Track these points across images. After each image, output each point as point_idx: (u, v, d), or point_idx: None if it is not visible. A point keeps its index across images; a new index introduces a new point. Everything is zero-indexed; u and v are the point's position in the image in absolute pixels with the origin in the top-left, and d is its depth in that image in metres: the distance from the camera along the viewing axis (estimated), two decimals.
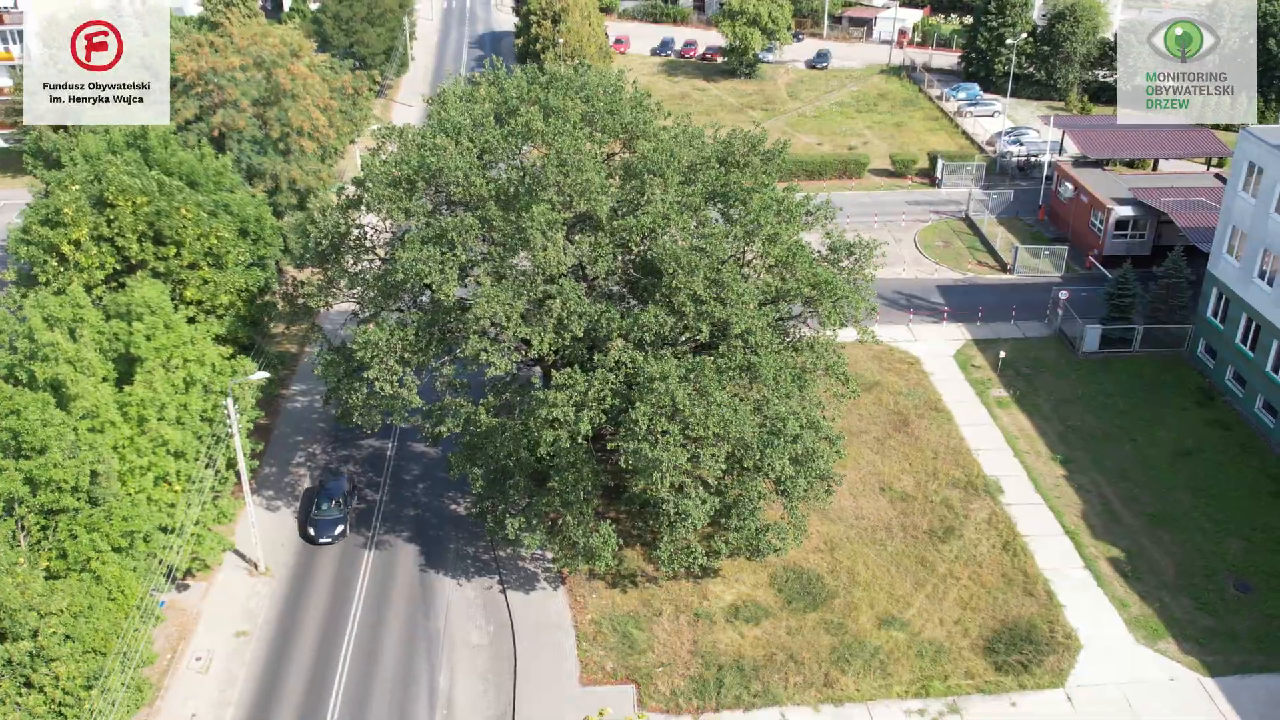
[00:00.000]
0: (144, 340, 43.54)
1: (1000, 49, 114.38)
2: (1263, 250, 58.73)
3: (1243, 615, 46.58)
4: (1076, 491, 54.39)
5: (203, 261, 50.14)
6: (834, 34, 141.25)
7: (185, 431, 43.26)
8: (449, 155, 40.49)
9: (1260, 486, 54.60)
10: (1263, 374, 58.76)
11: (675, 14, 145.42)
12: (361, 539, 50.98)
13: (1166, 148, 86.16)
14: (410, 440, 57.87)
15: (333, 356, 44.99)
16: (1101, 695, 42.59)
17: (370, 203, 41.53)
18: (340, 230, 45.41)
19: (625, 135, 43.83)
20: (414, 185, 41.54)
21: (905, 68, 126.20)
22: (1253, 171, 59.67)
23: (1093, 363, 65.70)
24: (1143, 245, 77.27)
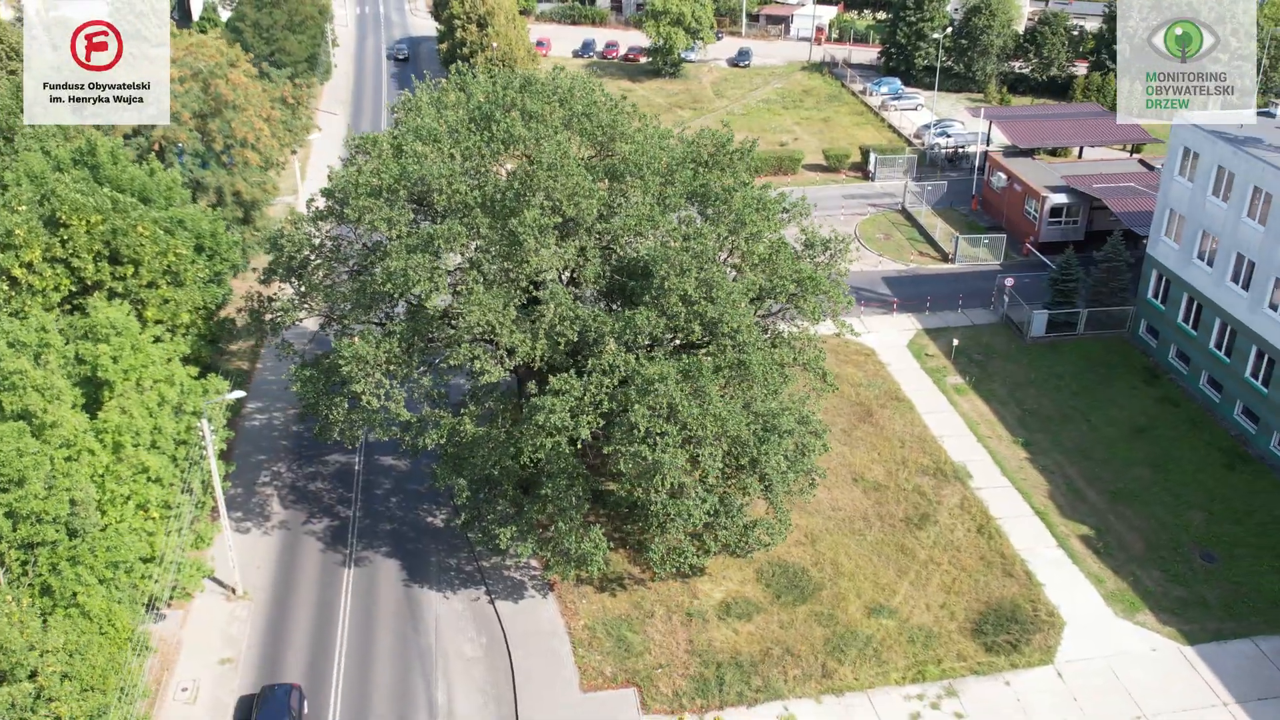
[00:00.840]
0: (111, 363, 41.99)
1: (920, 43, 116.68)
2: (1201, 232, 60.94)
3: (1211, 584, 48.27)
4: (1041, 473, 55.79)
5: (161, 280, 48.59)
6: (752, 32, 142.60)
7: (162, 456, 41.86)
8: (431, 163, 39.85)
9: (1212, 460, 56.65)
10: (1206, 351, 60.98)
11: (594, 15, 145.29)
12: (339, 556, 49.92)
13: (1091, 135, 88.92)
14: (377, 453, 56.87)
15: (311, 372, 43.94)
16: (1089, 669, 43.76)
17: (351, 213, 40.63)
18: (313, 242, 44.35)
19: (604, 138, 43.66)
20: (396, 194, 40.78)
21: (826, 64, 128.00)
22: (1188, 156, 61.86)
23: (1041, 347, 67.46)
24: (1076, 231, 79.60)
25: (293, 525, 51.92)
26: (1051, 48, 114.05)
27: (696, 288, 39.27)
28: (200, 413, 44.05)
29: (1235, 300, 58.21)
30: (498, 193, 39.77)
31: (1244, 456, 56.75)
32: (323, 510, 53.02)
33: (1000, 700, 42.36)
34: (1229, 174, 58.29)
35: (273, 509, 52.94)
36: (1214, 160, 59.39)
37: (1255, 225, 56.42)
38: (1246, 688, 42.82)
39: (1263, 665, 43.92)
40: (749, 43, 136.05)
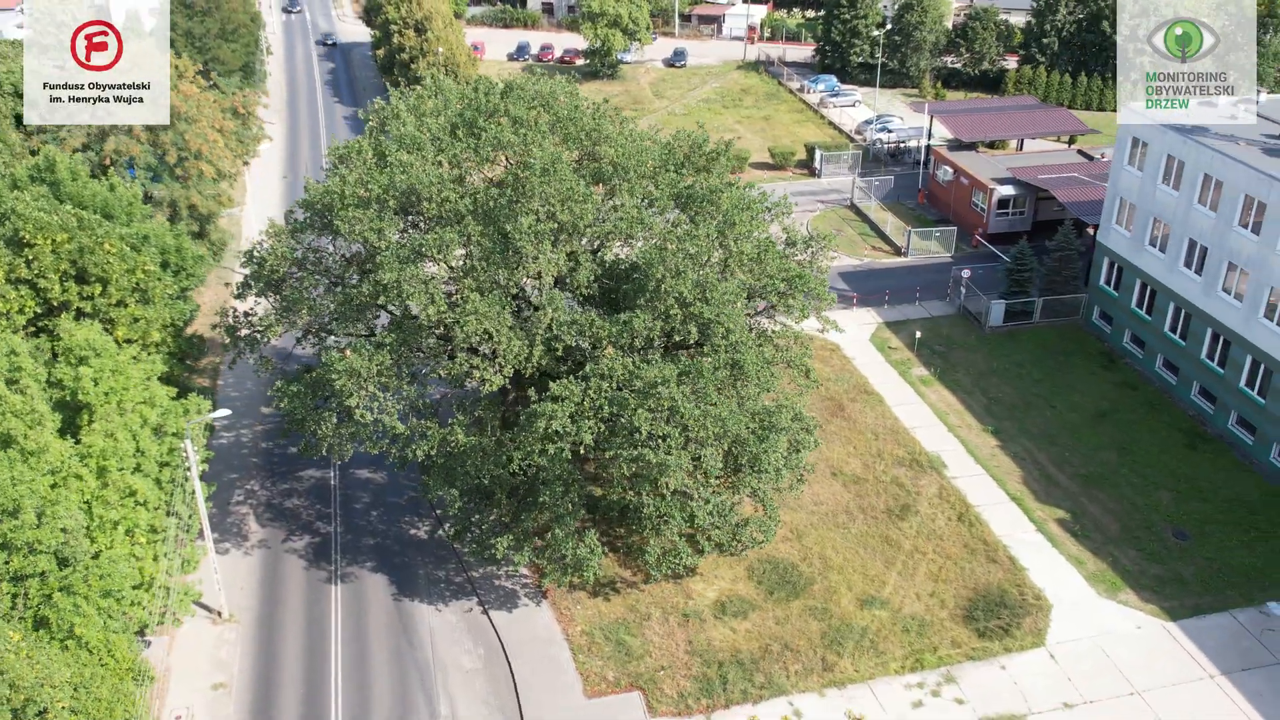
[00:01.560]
0: (92, 386, 40.77)
1: (855, 41, 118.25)
2: (1152, 219, 62.73)
3: (1186, 561, 49.72)
4: (1012, 459, 56.95)
5: (130, 298, 47.32)
6: (685, 32, 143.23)
7: (147, 480, 40.76)
8: (420, 171, 39.33)
9: (1174, 440, 58.37)
10: (1161, 335, 62.79)
11: (526, 18, 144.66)
12: (324, 573, 49.07)
13: (1030, 127, 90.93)
14: (352, 467, 55.97)
15: (299, 387, 43.07)
16: (1079, 649, 44.80)
17: (341, 225, 39.89)
18: (295, 255, 43.52)
19: (589, 142, 43.51)
20: (385, 204, 40.17)
21: (762, 62, 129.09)
22: (1137, 146, 63.62)
23: (999, 336, 68.86)
24: (1024, 221, 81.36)
25: (272, 544, 50.90)
26: (982, 42, 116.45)
27: (692, 289, 39.37)
28: (182, 434, 43.00)
29: (1189, 285, 60.04)
30: (490, 200, 39.41)
31: (1204, 436, 58.56)
32: (302, 527, 52.06)
33: (998, 684, 43.16)
34: (1178, 162, 60.08)
35: (250, 528, 51.84)
36: (1163, 149, 61.16)
37: (1206, 212, 58.22)
38: (1230, 659, 44.20)
39: (1242, 637, 45.37)
40: (683, 43, 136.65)
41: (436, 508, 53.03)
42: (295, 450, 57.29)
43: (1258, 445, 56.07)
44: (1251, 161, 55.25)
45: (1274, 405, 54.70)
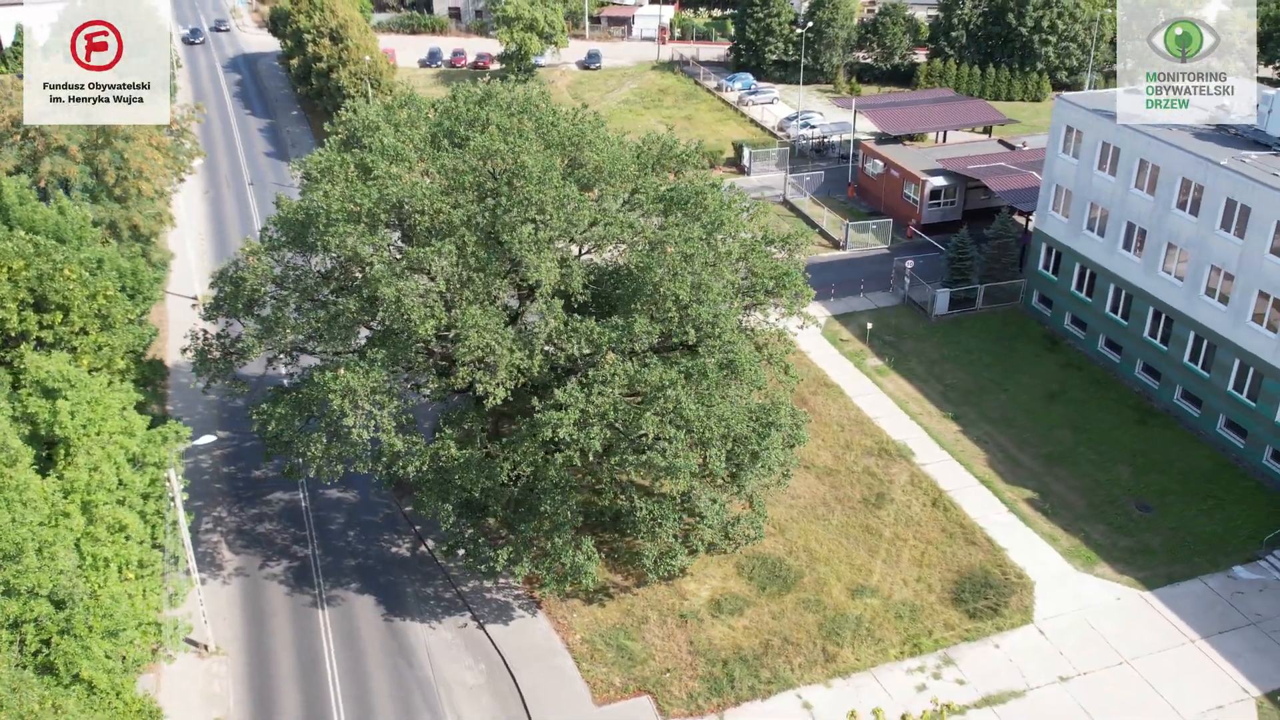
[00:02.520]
0: (69, 419, 39.08)
1: (769, 39, 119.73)
2: (1089, 205, 64.96)
3: (1152, 532, 51.65)
4: (975, 444, 58.42)
5: (92, 325, 45.47)
6: (595, 34, 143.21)
7: (132, 513, 39.26)
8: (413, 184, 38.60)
9: (1125, 416, 60.57)
10: (1102, 316, 65.09)
11: (433, 24, 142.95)
12: (308, 598, 47.86)
13: (952, 119, 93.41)
14: (321, 488, 54.62)
15: (284, 409, 41.86)
16: (1066, 624, 46.20)
17: (332, 240, 38.85)
18: (274, 274, 42.32)
19: (572, 148, 43.27)
20: (376, 219, 39.30)
21: (676, 62, 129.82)
22: (1071, 134, 65.81)
23: (946, 324, 70.54)
24: (954, 211, 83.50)
25: (249, 571, 49.45)
26: (893, 37, 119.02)
27: (689, 290, 39.49)
28: (163, 463, 41.54)
29: (1129, 266, 62.34)
30: (484, 210, 38.90)
31: (1151, 411, 60.90)
32: (278, 552, 50.68)
33: (994, 663, 44.26)
34: (1114, 149, 62.33)
35: (224, 557, 50.26)
36: (1098, 137, 63.38)
37: (1144, 195, 60.53)
38: (1206, 624, 46.07)
39: (1215, 602, 47.33)
40: (595, 45, 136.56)
41: (415, 524, 52.23)
42: (259, 473, 56.01)
43: (1204, 418, 58.53)
44: (1187, 146, 57.60)
45: (1218, 379, 57.15)
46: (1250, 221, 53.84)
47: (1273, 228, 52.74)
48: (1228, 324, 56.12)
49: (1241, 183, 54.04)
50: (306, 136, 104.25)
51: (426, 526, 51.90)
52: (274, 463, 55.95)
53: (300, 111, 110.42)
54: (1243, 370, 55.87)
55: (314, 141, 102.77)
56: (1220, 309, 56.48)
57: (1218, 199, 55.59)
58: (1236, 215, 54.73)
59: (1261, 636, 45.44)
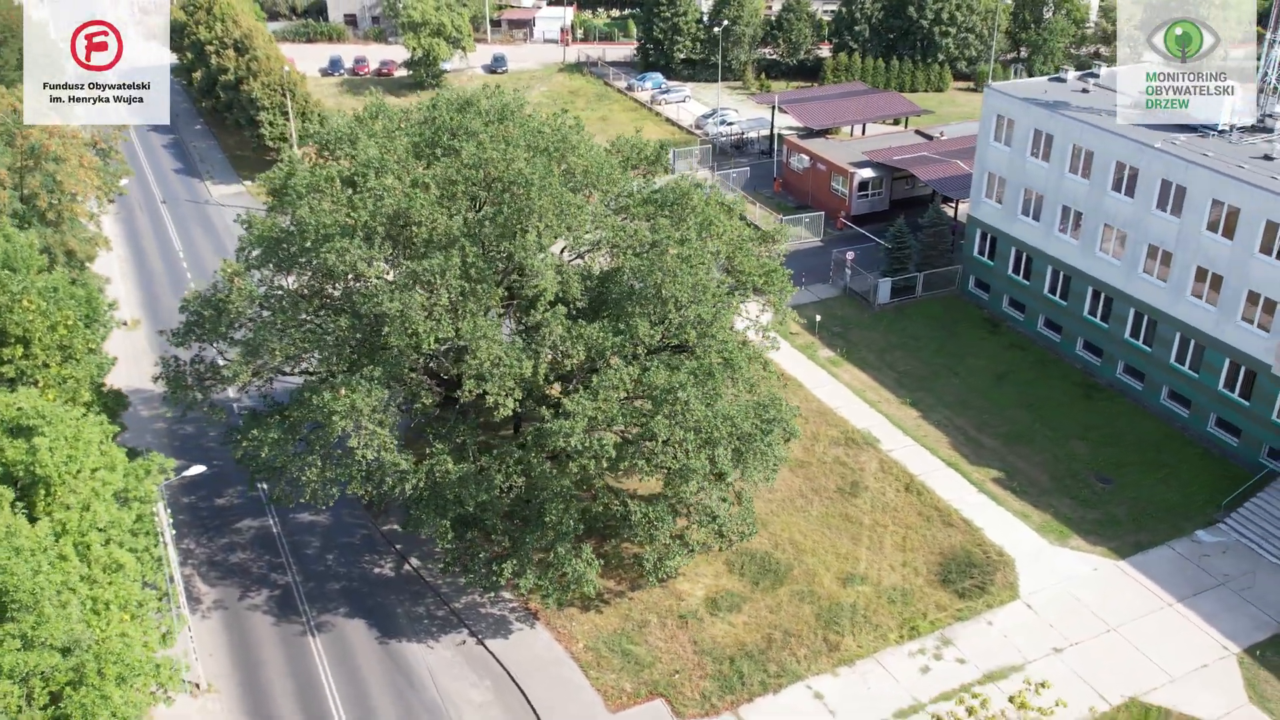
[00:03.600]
0: (49, 457, 37.12)
1: (677, 38, 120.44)
2: (1023, 190, 67.10)
3: (1115, 503, 53.68)
4: (936, 428, 59.84)
5: (53, 358, 43.32)
6: (496, 38, 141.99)
7: (127, 551, 37.56)
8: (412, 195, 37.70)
9: (1072, 393, 62.78)
10: (1041, 297, 67.33)
11: (330, 32, 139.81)
12: (297, 627, 46.46)
13: (870, 111, 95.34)
14: (291, 511, 53.00)
15: (277, 434, 40.47)
16: (1051, 596, 47.72)
17: (329, 257, 37.66)
18: (260, 294, 40.87)
19: (557, 153, 42.86)
20: (373, 232, 38.24)
21: (583, 64, 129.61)
22: (1002, 123, 67.86)
23: (889, 313, 72.05)
24: (882, 202, 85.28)
25: (229, 603, 47.77)
26: (798, 33, 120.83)
27: (690, 290, 39.58)
28: (149, 498, 39.82)
29: (1067, 248, 64.59)
30: (485, 218, 38.26)
31: (1096, 387, 63.25)
32: (256, 581, 49.08)
33: (990, 639, 45.45)
34: (1046, 135, 64.51)
35: (200, 590, 48.44)
36: (1030, 125, 65.51)
37: (1079, 179, 62.79)
38: (1180, 587, 48.10)
39: (1184, 565, 49.44)
40: (499, 48, 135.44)
41: (394, 543, 51.19)
42: (223, 501, 54.26)
43: (1148, 391, 61.04)
44: (1120, 131, 59.94)
45: (1160, 353, 59.68)
46: (1186, 201, 56.31)
47: (1208, 206, 55.26)
48: (1168, 300, 58.61)
49: (1176, 164, 56.49)
50: (215, 151, 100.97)
51: (408, 545, 50.93)
52: (239, 490, 54.40)
53: (205, 126, 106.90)
54: (1184, 343, 58.43)
55: (223, 156, 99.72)
56: (1160, 285, 58.95)
57: (1153, 180, 57.99)
58: (1172, 195, 57.18)
59: (1232, 595, 47.63)
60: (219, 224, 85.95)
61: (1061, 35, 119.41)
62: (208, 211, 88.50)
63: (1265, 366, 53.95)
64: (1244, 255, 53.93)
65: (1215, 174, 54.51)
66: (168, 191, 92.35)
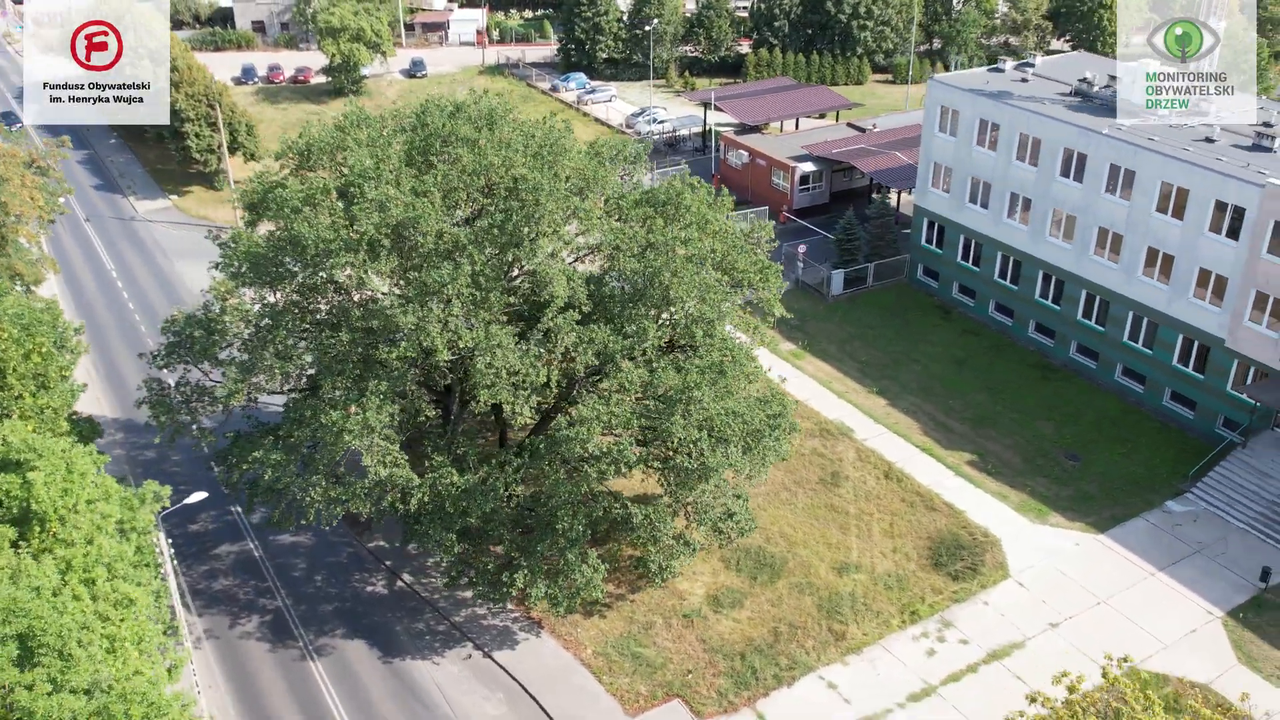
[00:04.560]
0: (44, 491, 35.53)
1: (599, 37, 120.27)
2: (970, 179, 68.72)
3: (1086, 479, 55.38)
4: (905, 414, 60.95)
5: (27, 387, 41.45)
6: (411, 41, 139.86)
7: (135, 585, 36.15)
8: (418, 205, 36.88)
9: (1029, 375, 64.56)
10: (992, 283, 69.05)
11: (239, 39, 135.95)
12: (294, 652, 45.23)
13: (802, 106, 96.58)
14: (271, 533, 51.48)
15: (280, 455, 39.25)
16: (1040, 573, 49.02)
17: (334, 272, 36.63)
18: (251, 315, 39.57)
19: (550, 157, 42.42)
20: (379, 245, 37.27)
21: (503, 65, 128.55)
22: (946, 114, 69.36)
23: (843, 304, 73.11)
24: (822, 195, 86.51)
25: (220, 632, 46.29)
26: (718, 30, 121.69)
27: (697, 290, 39.63)
28: (145, 528, 38.40)
29: (1016, 234, 66.36)
30: (493, 225, 37.67)
31: (1051, 368, 65.14)
32: (245, 608, 47.65)
33: (988, 619, 46.51)
34: (992, 125, 66.17)
35: (187, 620, 46.80)
36: (975, 115, 67.11)
37: (1026, 167, 64.55)
38: (1159, 557, 49.86)
39: (1160, 535, 51.26)
40: (416, 53, 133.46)
41: (383, 560, 50.23)
42: (196, 527, 52.59)
43: (1102, 369, 63.10)
44: (1068, 118, 61.80)
45: (1113, 331, 61.73)
46: (1136, 184, 58.31)
47: (1157, 188, 57.31)
48: (1120, 280, 60.65)
49: (1125, 148, 58.46)
50: (134, 166, 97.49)
51: (397, 561, 50.03)
52: (214, 515, 52.85)
53: (120, 140, 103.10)
54: (1137, 322, 60.54)
55: (144, 171, 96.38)
56: (1112, 267, 60.96)
57: (1102, 165, 59.92)
58: (1121, 179, 59.17)
59: (1208, 562, 49.56)
60: (148, 240, 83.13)
61: (973, 26, 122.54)
62: (135, 228, 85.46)
63: (1218, 340, 56.22)
64: (1194, 234, 56.08)
65: (1164, 157, 56.57)
66: (90, 209, 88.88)
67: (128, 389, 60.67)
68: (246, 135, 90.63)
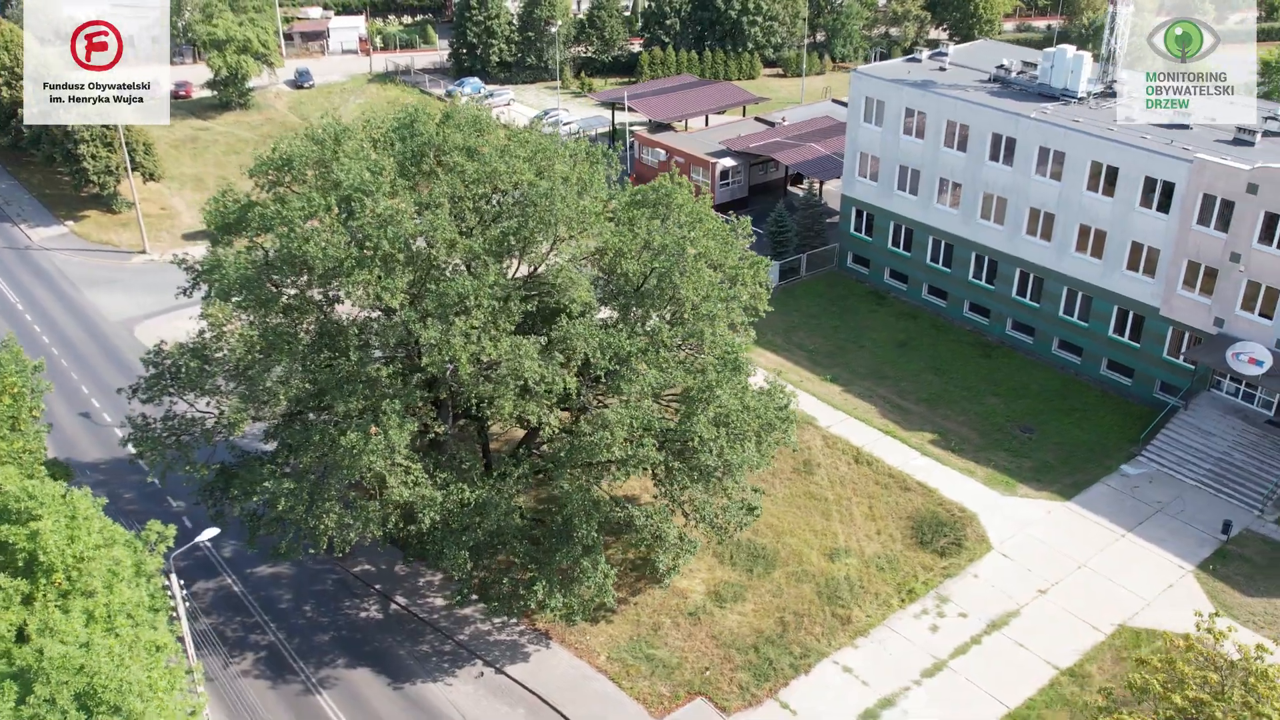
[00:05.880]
0: (52, 540, 33.58)
1: (491, 40, 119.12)
2: (898, 167, 70.68)
3: (1044, 450, 57.69)
4: (861, 399, 62.40)
5: (1, 430, 39.04)
6: (291, 51, 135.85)
7: (162, 630, 34.49)
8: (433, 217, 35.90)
9: (970, 354, 66.84)
10: (924, 266, 71.19)
11: None
12: (298, 686, 43.74)
13: (710, 103, 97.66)
14: (246, 566, 49.73)
15: (292, 484, 37.75)
16: (1020, 543, 50.88)
17: (348, 290, 35.32)
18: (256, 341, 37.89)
19: (543, 163, 41.89)
20: (394, 260, 36.12)
21: (393, 73, 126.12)
22: (871, 104, 71.14)
23: (779, 295, 74.04)
24: (742, 189, 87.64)
25: (214, 672, 44.40)
26: (611, 30, 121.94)
27: (707, 289, 39.83)
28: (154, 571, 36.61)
29: (947, 218, 68.56)
30: (508, 233, 37.01)
31: (989, 345, 67.58)
32: (237, 646, 45.84)
33: (981, 591, 48.06)
34: (919, 113, 68.18)
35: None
36: (901, 104, 69.04)
37: (955, 153, 66.77)
38: (1126, 518, 52.32)
39: (1122, 498, 53.79)
40: (300, 62, 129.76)
41: (372, 584, 48.96)
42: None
43: (1039, 343, 65.78)
44: (996, 104, 64.16)
45: (1049, 307, 64.43)
46: (1066, 164, 60.95)
47: (1087, 168, 60.03)
48: (1053, 258, 63.32)
49: (1054, 131, 61.05)
50: (19, 191, 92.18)
51: (387, 584, 48.87)
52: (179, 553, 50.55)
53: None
54: (1071, 296, 63.31)
55: (31, 196, 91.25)
56: (1044, 246, 63.58)
57: (1031, 148, 62.43)
58: (1051, 160, 61.76)
59: (1170, 520, 52.25)
60: (51, 270, 78.79)
61: (856, 18, 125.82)
62: (33, 258, 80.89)
63: (1153, 310, 59.27)
64: (1125, 210, 58.95)
65: (1093, 138, 59.29)
66: None
67: (60, 427, 57.58)
68: (145, 154, 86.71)
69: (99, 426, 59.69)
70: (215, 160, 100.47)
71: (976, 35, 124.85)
